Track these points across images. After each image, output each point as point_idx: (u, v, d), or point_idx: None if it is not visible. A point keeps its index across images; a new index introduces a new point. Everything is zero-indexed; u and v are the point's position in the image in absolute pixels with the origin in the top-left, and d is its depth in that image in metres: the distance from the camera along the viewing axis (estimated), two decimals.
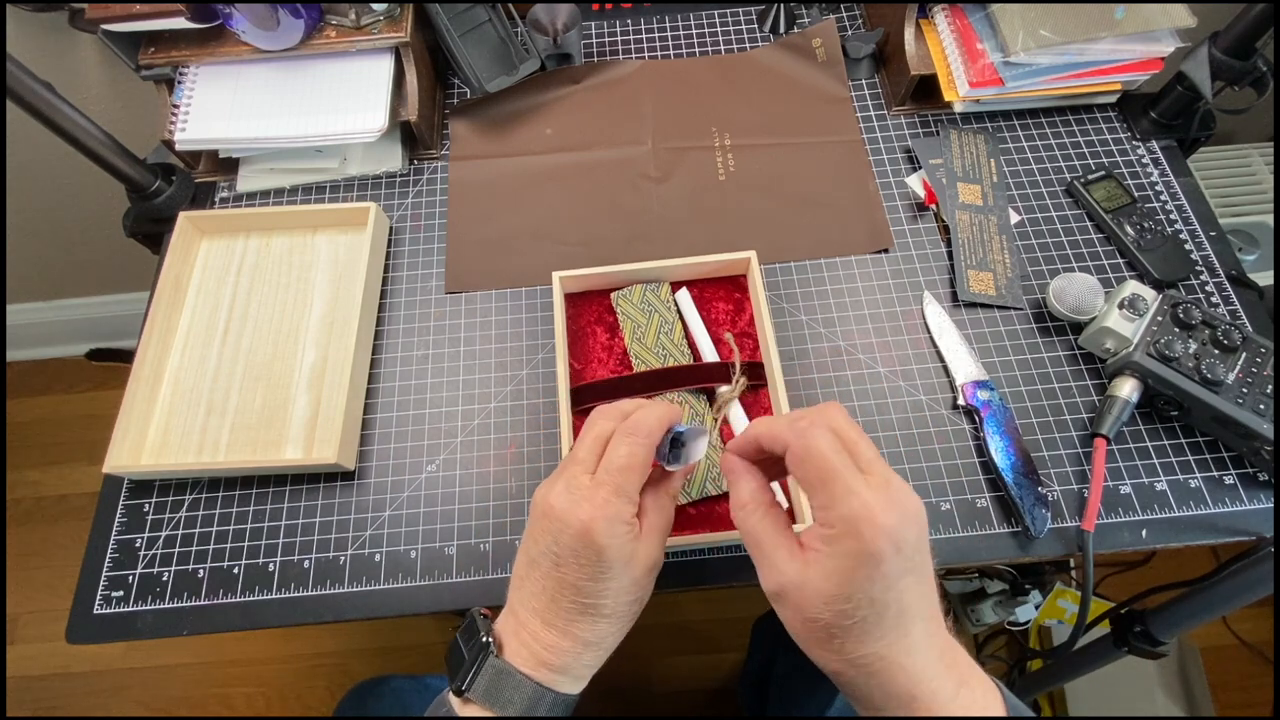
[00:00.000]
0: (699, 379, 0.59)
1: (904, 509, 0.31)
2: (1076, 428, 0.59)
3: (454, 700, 0.38)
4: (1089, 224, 0.68)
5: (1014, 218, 0.68)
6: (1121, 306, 0.56)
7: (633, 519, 0.38)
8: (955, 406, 0.60)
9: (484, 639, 0.38)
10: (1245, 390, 0.54)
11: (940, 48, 0.72)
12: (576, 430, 0.58)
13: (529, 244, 0.69)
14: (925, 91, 0.73)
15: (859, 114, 0.75)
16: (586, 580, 0.36)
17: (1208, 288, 0.64)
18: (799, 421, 0.34)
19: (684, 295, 0.63)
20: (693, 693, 1.20)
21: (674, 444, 0.42)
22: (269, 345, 0.64)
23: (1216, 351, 0.55)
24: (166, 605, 0.55)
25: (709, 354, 0.61)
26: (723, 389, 0.58)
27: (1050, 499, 0.56)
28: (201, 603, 0.55)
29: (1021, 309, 0.63)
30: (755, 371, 0.59)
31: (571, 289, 0.64)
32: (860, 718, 0.35)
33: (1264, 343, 0.55)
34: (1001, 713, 0.33)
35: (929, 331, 0.63)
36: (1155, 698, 1.06)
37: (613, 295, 0.63)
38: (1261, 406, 0.53)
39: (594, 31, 0.82)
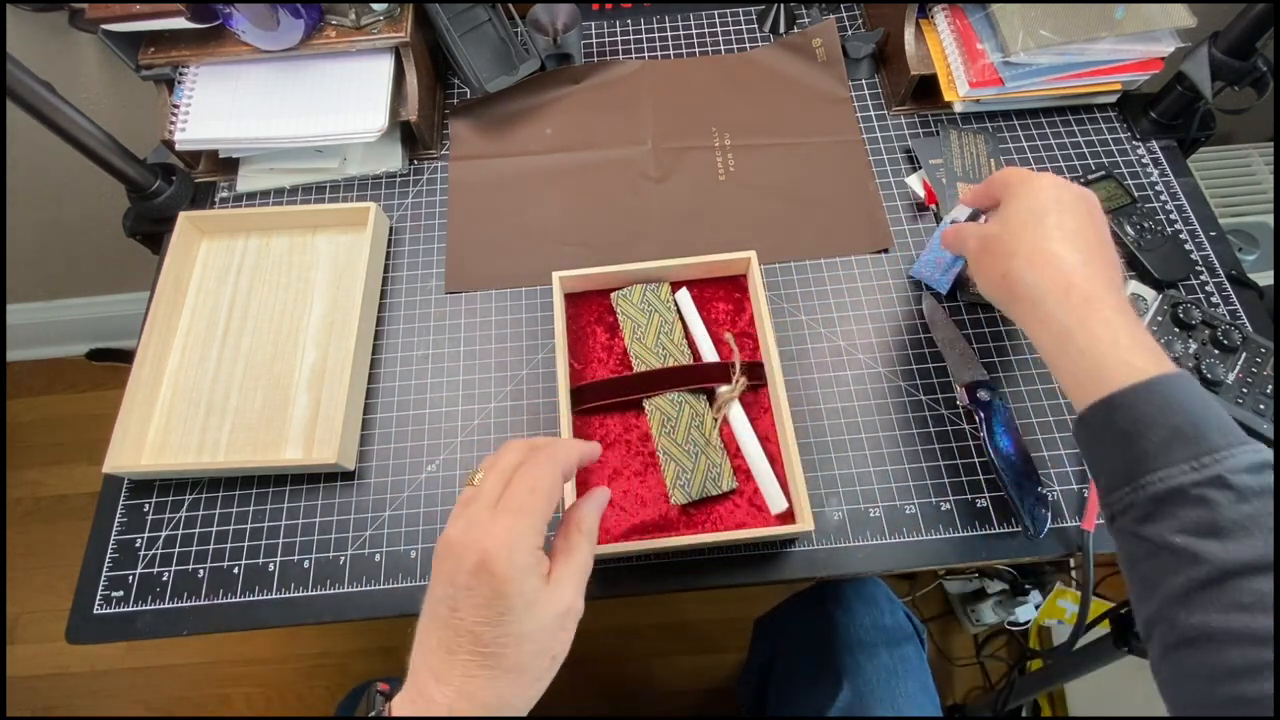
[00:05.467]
0: (699, 379, 0.59)
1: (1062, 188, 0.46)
2: None
3: None
4: None
5: None
6: None
7: (539, 553, 0.34)
8: (955, 406, 0.60)
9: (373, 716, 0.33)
10: (1245, 390, 0.54)
11: (940, 48, 0.72)
12: (577, 430, 0.58)
13: (529, 244, 0.69)
14: (925, 91, 0.73)
15: (859, 114, 0.75)
16: (484, 624, 0.32)
17: (1208, 288, 0.64)
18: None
19: (684, 295, 0.63)
20: (693, 693, 1.20)
21: None
22: (269, 345, 0.64)
23: (1216, 351, 0.55)
24: (166, 605, 0.55)
25: (709, 354, 0.61)
26: (722, 389, 0.58)
27: (1050, 499, 0.56)
28: (201, 603, 0.55)
29: None
30: (755, 371, 0.59)
31: (571, 289, 0.64)
32: (860, 718, 0.35)
33: (1264, 343, 0.55)
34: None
35: (929, 331, 0.63)
36: (1155, 698, 1.05)
37: (613, 295, 0.63)
38: (1261, 406, 0.53)
39: (594, 31, 0.82)
